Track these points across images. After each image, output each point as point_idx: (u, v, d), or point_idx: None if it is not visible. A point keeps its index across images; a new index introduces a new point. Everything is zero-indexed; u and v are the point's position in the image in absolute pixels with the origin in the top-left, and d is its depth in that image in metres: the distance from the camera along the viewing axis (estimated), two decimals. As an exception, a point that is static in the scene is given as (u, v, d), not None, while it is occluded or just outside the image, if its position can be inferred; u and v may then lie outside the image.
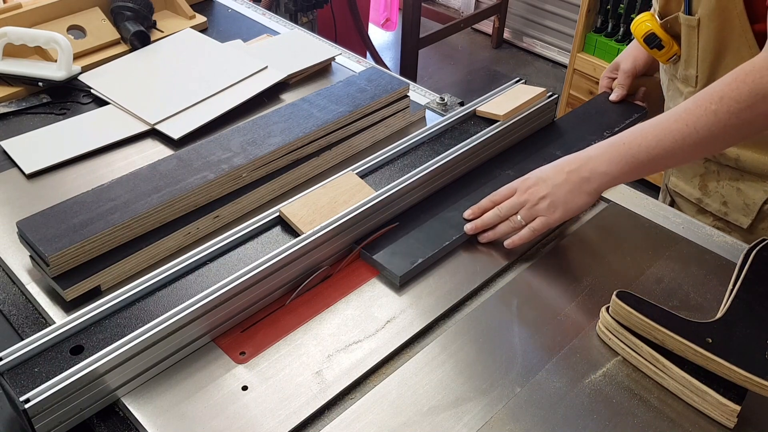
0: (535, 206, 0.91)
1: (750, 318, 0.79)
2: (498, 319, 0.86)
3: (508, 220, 0.94)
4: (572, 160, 0.91)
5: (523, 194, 0.93)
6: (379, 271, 0.91)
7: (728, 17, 0.94)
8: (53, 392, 0.69)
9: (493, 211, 0.95)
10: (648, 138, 0.86)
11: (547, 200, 0.91)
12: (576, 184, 0.90)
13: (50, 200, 0.97)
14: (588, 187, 0.90)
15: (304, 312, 0.86)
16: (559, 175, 0.91)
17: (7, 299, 0.90)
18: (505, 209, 0.94)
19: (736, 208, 1.09)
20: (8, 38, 1.26)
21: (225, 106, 1.22)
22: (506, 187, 0.96)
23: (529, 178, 0.94)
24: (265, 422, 0.74)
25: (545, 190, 0.91)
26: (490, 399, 0.76)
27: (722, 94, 0.82)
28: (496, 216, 0.94)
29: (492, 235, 0.95)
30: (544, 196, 0.91)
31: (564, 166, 0.91)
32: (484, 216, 0.95)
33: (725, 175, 1.09)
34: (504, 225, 0.94)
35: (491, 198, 0.96)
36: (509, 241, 0.93)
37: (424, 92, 1.32)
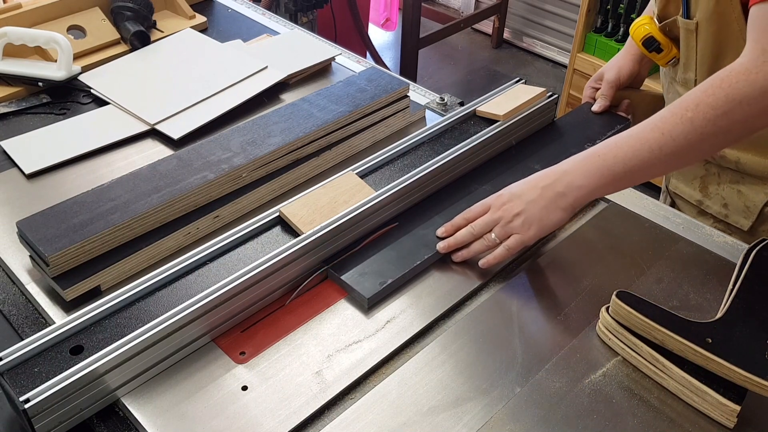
0: (510, 223, 0.88)
1: (750, 318, 0.79)
2: (498, 319, 0.86)
3: (482, 238, 0.90)
4: (546, 174, 0.89)
5: (497, 211, 0.89)
6: (348, 293, 0.88)
7: (726, 21, 0.94)
8: (53, 392, 0.69)
9: (467, 228, 0.91)
10: (624, 149, 0.83)
11: (522, 217, 0.87)
12: (551, 199, 0.87)
13: (50, 200, 0.97)
14: (563, 203, 0.86)
15: (304, 312, 0.86)
16: (533, 190, 0.88)
17: (7, 299, 0.90)
18: (478, 227, 0.90)
19: (736, 210, 1.09)
20: (8, 38, 1.26)
21: (225, 106, 1.22)
22: (480, 204, 0.92)
23: (502, 194, 0.91)
24: (265, 422, 0.74)
25: (519, 206, 0.88)
26: (490, 399, 0.76)
27: (698, 101, 0.80)
28: (470, 234, 0.91)
29: (466, 253, 0.91)
30: (518, 213, 0.88)
31: (538, 182, 0.88)
32: (457, 234, 0.92)
33: (726, 177, 1.09)
34: (478, 243, 0.91)
35: (464, 215, 0.93)
36: (484, 261, 0.90)
37: (424, 92, 1.32)
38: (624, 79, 1.17)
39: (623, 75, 1.17)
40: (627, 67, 1.17)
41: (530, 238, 0.88)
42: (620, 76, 1.17)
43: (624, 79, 1.17)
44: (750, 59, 0.79)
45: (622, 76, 1.17)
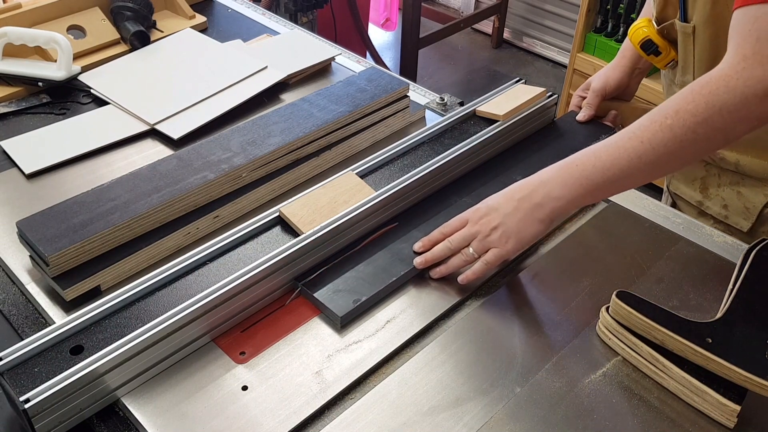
0: (487, 237, 0.86)
1: (750, 318, 0.79)
2: (498, 319, 0.86)
3: (460, 252, 0.88)
4: (523, 186, 0.87)
5: (475, 225, 0.88)
6: (320, 311, 0.86)
7: (723, 24, 0.93)
8: (53, 392, 0.69)
9: (444, 243, 0.89)
10: (602, 158, 0.82)
11: (499, 230, 0.86)
12: (527, 211, 0.85)
13: (50, 200, 0.97)
14: (540, 214, 0.85)
15: (304, 312, 0.86)
16: (509, 203, 0.86)
17: (7, 299, 0.90)
18: (456, 241, 0.88)
19: (736, 211, 1.09)
20: (8, 38, 1.26)
21: (225, 106, 1.22)
22: (457, 218, 0.90)
23: (479, 208, 0.89)
24: (265, 422, 0.74)
25: (497, 220, 0.86)
26: (490, 399, 0.76)
27: (678, 107, 0.78)
28: (447, 249, 0.89)
29: (444, 269, 0.89)
30: (495, 227, 0.86)
31: (514, 194, 0.87)
32: (434, 249, 0.89)
33: (726, 178, 1.09)
34: (456, 258, 0.89)
35: (441, 230, 0.91)
36: (462, 277, 0.88)
37: (424, 92, 1.32)
38: (611, 89, 1.16)
39: (610, 85, 1.16)
40: (615, 77, 1.17)
41: (508, 252, 0.86)
42: (607, 86, 1.16)
43: (611, 90, 1.16)
44: (730, 65, 0.76)
45: (609, 86, 1.16)
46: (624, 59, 1.18)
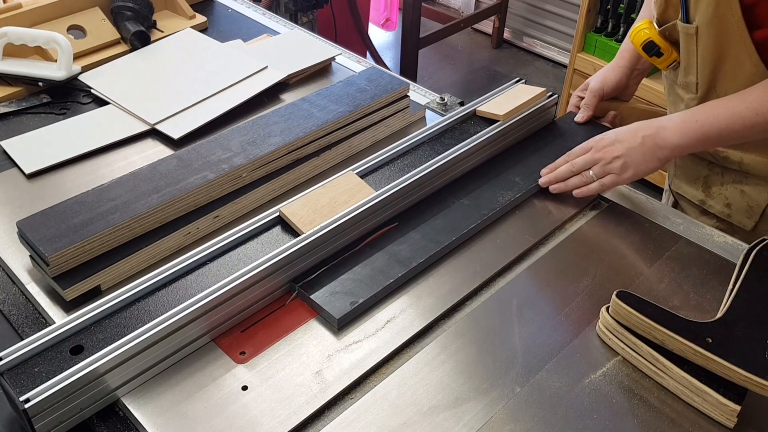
0: (609, 164, 0.97)
1: (750, 318, 0.79)
2: (498, 319, 0.86)
3: (580, 174, 1.00)
4: (648, 125, 0.96)
5: (598, 152, 0.98)
6: (317, 312, 0.86)
7: (726, 25, 0.94)
8: (53, 392, 0.69)
9: (567, 165, 1.01)
10: (720, 119, 0.93)
11: (621, 160, 0.96)
12: (650, 148, 0.95)
13: (50, 200, 0.97)
14: (660, 154, 0.95)
15: (303, 312, 0.86)
16: (634, 138, 0.96)
17: (7, 299, 0.90)
18: (578, 165, 0.99)
19: (739, 210, 1.09)
20: (8, 38, 1.26)
21: (225, 106, 1.22)
22: (580, 146, 1.01)
23: (604, 138, 0.99)
24: (265, 422, 0.74)
25: (620, 150, 0.96)
26: (490, 399, 0.76)
27: None
28: (569, 171, 1.00)
29: (563, 186, 1.01)
30: (618, 156, 0.96)
31: (639, 131, 0.96)
32: (558, 170, 1.01)
33: (729, 177, 1.09)
34: (576, 179, 1.00)
35: (565, 157, 1.02)
36: (578, 191, 1.00)
37: (424, 92, 1.32)
38: (609, 89, 1.18)
39: (608, 85, 1.18)
40: (614, 77, 1.18)
41: (625, 180, 0.98)
42: (605, 86, 1.18)
43: (609, 90, 1.18)
44: None
45: (607, 87, 1.18)
46: (623, 60, 1.19)
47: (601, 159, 0.98)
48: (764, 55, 0.94)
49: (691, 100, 1.06)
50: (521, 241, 0.97)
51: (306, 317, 0.86)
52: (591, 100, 1.17)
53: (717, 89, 1.01)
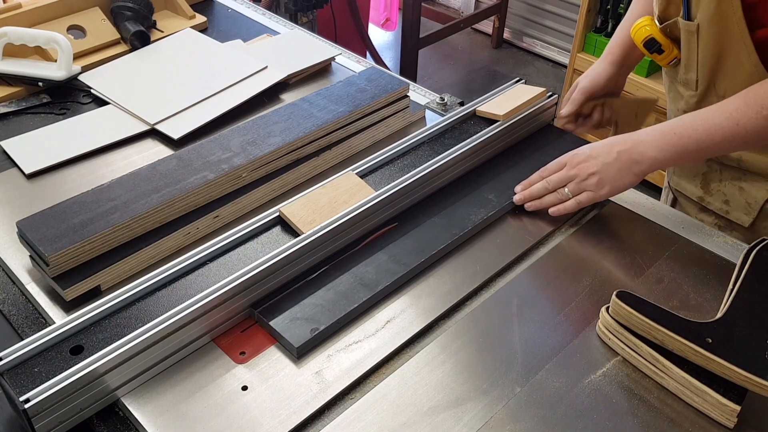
0: (584, 181, 0.95)
1: (750, 318, 0.79)
2: (498, 319, 0.86)
3: (555, 192, 0.98)
4: (623, 140, 0.95)
5: (573, 168, 0.97)
6: (276, 340, 0.82)
7: (727, 23, 0.94)
8: (53, 392, 0.69)
9: (542, 183, 0.99)
10: (698, 131, 0.90)
11: (597, 176, 0.94)
12: (625, 163, 0.93)
13: (50, 200, 0.97)
14: (637, 169, 0.93)
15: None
16: (609, 153, 0.94)
17: (7, 299, 0.90)
18: (553, 181, 0.98)
19: (737, 206, 1.09)
20: (8, 38, 1.26)
21: (225, 106, 1.22)
22: (555, 162, 0.99)
23: (578, 153, 0.97)
24: (265, 422, 0.74)
25: (595, 166, 0.95)
26: (490, 399, 0.76)
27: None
28: (544, 188, 0.99)
29: (538, 203, 0.99)
30: (593, 173, 0.95)
31: (614, 146, 0.94)
32: (533, 187, 1.00)
33: (727, 174, 1.09)
34: (551, 196, 0.98)
35: (540, 173, 1.00)
36: (554, 210, 0.98)
37: (424, 92, 1.32)
38: (599, 87, 1.18)
39: (599, 83, 1.18)
40: (604, 74, 1.18)
41: (601, 197, 0.96)
42: (595, 84, 1.18)
43: (599, 87, 1.18)
44: None
45: (597, 84, 1.18)
46: (613, 55, 1.19)
47: (576, 176, 0.96)
48: (764, 55, 0.94)
49: (690, 97, 1.06)
50: (521, 241, 0.97)
51: (265, 344, 0.82)
52: (579, 96, 1.16)
53: (716, 87, 1.01)
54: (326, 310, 0.84)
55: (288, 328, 0.82)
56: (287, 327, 0.82)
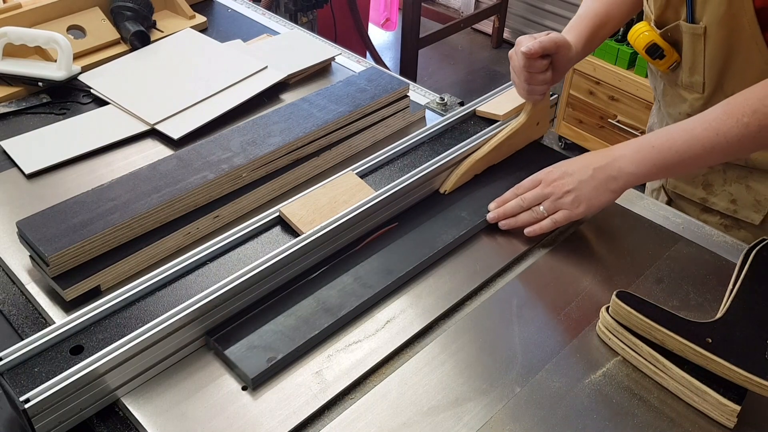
0: (560, 199, 0.93)
1: (750, 318, 0.79)
2: (498, 319, 0.86)
3: (530, 210, 0.95)
4: (599, 156, 0.93)
5: (548, 186, 0.94)
6: (231, 368, 0.79)
7: (738, 24, 0.92)
8: (53, 392, 0.69)
9: (516, 201, 0.96)
10: (678, 143, 0.87)
11: (572, 195, 0.92)
12: (602, 181, 0.91)
13: (50, 200, 0.97)
14: (614, 185, 0.91)
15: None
16: (585, 170, 0.92)
17: (7, 299, 0.90)
18: (528, 199, 0.96)
19: (746, 205, 1.08)
20: (8, 38, 1.26)
21: (225, 106, 1.22)
22: (530, 179, 0.97)
23: (553, 171, 0.95)
24: (265, 422, 0.74)
25: (571, 184, 0.92)
26: (490, 399, 0.76)
27: (755, 107, 0.83)
28: (519, 206, 0.96)
29: (513, 222, 0.96)
30: (569, 191, 0.92)
31: (590, 163, 0.93)
32: (507, 205, 0.97)
33: (732, 173, 1.08)
34: (526, 214, 0.96)
35: (514, 191, 0.98)
36: (530, 229, 0.95)
37: (424, 92, 1.32)
38: (570, 55, 1.02)
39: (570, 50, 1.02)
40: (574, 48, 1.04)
41: (578, 215, 0.93)
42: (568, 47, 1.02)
43: (569, 55, 1.02)
44: None
45: (569, 50, 1.02)
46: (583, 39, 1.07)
47: (552, 194, 0.94)
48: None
49: (696, 100, 1.05)
50: (521, 241, 0.97)
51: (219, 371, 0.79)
52: (549, 43, 0.97)
53: (725, 88, 1.00)
54: (285, 338, 0.80)
55: (243, 357, 0.78)
56: (242, 356, 0.78)
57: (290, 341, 0.80)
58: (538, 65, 0.99)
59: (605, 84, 2.64)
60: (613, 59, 2.59)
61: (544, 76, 1.01)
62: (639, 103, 2.56)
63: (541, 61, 0.99)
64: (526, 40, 0.98)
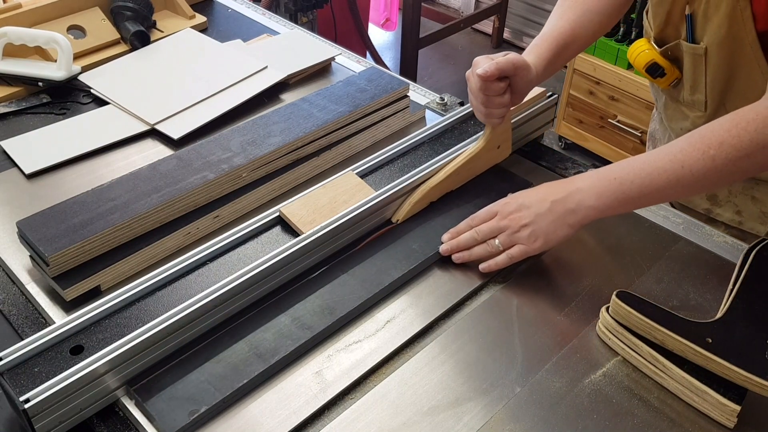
0: (516, 233, 0.88)
1: (750, 318, 0.79)
2: (498, 319, 0.86)
3: (485, 243, 0.90)
4: (557, 188, 0.88)
5: (504, 219, 0.89)
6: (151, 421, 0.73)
7: (740, 45, 0.91)
8: (53, 392, 0.69)
9: (470, 233, 0.91)
10: (641, 175, 0.83)
11: (529, 229, 0.87)
12: (560, 215, 0.86)
13: (50, 200, 0.97)
14: (572, 219, 0.86)
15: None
16: (542, 203, 0.87)
17: (7, 299, 0.90)
18: (483, 232, 0.90)
19: (751, 216, 1.07)
20: (8, 38, 1.26)
21: (225, 106, 1.22)
22: (485, 210, 0.92)
23: (509, 203, 0.90)
24: (265, 422, 0.74)
25: (527, 218, 0.88)
26: (490, 399, 0.76)
27: (722, 140, 0.80)
28: (473, 239, 0.91)
29: (467, 255, 0.91)
30: (526, 225, 0.88)
31: (548, 195, 0.88)
32: (461, 237, 0.91)
33: (738, 184, 1.06)
34: (480, 248, 0.90)
35: (468, 222, 0.92)
36: (485, 265, 0.90)
37: (424, 92, 1.32)
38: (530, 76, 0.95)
39: (530, 73, 0.95)
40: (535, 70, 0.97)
41: (534, 250, 0.88)
42: (529, 70, 0.95)
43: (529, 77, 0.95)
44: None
45: (529, 72, 0.95)
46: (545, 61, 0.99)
47: (508, 227, 0.88)
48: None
49: (698, 117, 1.04)
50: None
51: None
52: (506, 65, 0.91)
53: (727, 107, 0.98)
54: (211, 387, 0.74)
55: (163, 410, 0.72)
56: (163, 409, 0.72)
57: (216, 392, 0.74)
58: (495, 88, 0.92)
59: (605, 84, 2.64)
60: (613, 59, 2.59)
61: (502, 99, 0.94)
62: (639, 103, 2.56)
63: (499, 84, 0.92)
64: (483, 61, 0.92)
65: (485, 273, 0.90)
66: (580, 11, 1.03)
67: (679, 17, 0.98)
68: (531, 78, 0.96)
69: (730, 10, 0.90)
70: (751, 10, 0.88)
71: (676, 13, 0.99)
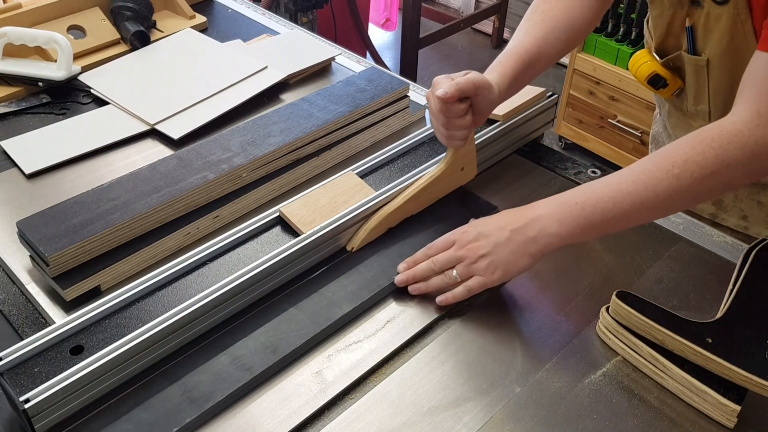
0: (474, 264, 0.84)
1: (750, 318, 0.79)
2: (498, 319, 0.86)
3: (442, 274, 0.86)
4: (517, 217, 0.84)
5: (461, 249, 0.85)
6: None
7: (741, 57, 0.89)
8: (53, 392, 0.69)
9: (427, 263, 0.87)
10: (603, 199, 0.80)
11: (487, 259, 0.83)
12: (520, 244, 0.82)
13: (50, 200, 0.97)
14: (532, 249, 0.82)
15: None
16: (501, 232, 0.83)
17: (7, 299, 0.90)
18: (440, 263, 0.86)
19: (758, 221, 1.06)
20: (8, 38, 1.26)
21: (225, 106, 1.22)
22: (442, 239, 0.88)
23: (467, 231, 0.86)
24: (265, 422, 0.74)
25: (486, 248, 0.83)
26: (490, 399, 0.76)
27: (686, 157, 0.77)
28: (430, 269, 0.86)
29: (424, 287, 0.87)
30: (484, 255, 0.83)
31: (507, 223, 0.84)
32: (417, 267, 0.87)
33: (743, 190, 1.06)
34: (437, 279, 0.86)
35: (425, 251, 0.88)
36: (442, 298, 0.85)
37: (424, 92, 1.32)
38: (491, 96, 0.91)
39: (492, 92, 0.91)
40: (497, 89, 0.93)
41: (493, 282, 0.84)
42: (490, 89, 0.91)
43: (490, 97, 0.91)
44: (743, 122, 0.76)
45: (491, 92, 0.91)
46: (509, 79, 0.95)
47: (466, 257, 0.84)
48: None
49: (702, 126, 1.03)
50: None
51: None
52: (466, 85, 0.87)
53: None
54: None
55: None
56: None
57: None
58: (456, 109, 0.88)
59: (605, 84, 2.64)
60: (613, 59, 2.59)
61: (463, 120, 0.89)
62: (639, 103, 2.56)
63: (459, 105, 0.88)
64: (443, 81, 0.87)
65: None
66: (547, 28, 0.98)
67: (680, 29, 0.97)
68: (493, 98, 0.91)
69: (731, 23, 0.89)
70: (752, 23, 0.87)
71: (677, 25, 0.98)
